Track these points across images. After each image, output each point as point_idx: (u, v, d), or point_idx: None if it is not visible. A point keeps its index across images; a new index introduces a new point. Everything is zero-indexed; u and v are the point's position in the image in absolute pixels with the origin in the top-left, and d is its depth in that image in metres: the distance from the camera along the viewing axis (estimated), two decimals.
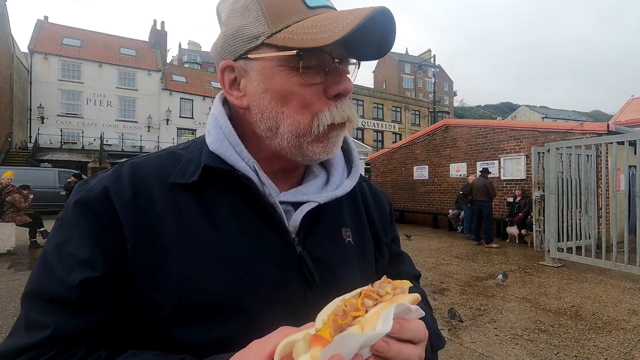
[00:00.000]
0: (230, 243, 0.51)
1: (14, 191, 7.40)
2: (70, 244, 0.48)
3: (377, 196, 0.73)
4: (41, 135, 22.52)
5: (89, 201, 0.50)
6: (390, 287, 0.42)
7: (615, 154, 5.58)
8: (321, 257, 0.56)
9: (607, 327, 3.64)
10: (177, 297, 0.47)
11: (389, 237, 0.71)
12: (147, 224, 0.49)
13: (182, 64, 45.77)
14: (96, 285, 0.46)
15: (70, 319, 0.45)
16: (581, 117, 50.69)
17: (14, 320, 3.75)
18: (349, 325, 0.36)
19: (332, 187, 0.60)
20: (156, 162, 0.56)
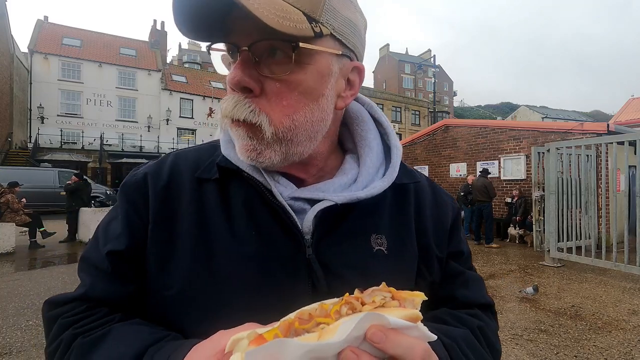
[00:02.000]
0: (241, 239, 0.51)
1: (6, 192, 7.41)
2: (114, 220, 0.55)
3: (440, 202, 0.64)
4: (41, 135, 22.52)
5: (130, 185, 0.56)
6: (387, 296, 0.36)
7: (615, 154, 5.58)
8: (333, 263, 0.52)
9: (607, 327, 3.64)
10: (181, 282, 0.49)
11: (444, 251, 0.61)
12: (171, 211, 0.52)
13: (182, 64, 45.74)
14: (119, 258, 0.51)
15: (99, 283, 0.52)
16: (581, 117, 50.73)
17: (14, 320, 3.77)
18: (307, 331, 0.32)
19: (358, 187, 0.55)
20: (195, 155, 0.58)
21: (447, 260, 0.61)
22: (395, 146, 0.60)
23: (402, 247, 0.57)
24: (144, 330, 0.47)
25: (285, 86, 0.47)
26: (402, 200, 0.60)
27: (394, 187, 0.57)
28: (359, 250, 0.53)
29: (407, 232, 0.58)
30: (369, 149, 0.59)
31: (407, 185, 0.60)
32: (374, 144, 0.59)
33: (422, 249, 0.58)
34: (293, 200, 0.53)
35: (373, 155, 0.58)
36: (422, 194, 0.62)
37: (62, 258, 6.84)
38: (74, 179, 8.90)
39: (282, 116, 0.48)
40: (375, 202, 0.55)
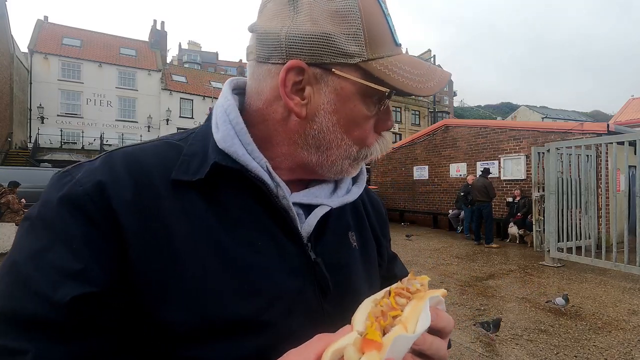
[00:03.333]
0: (246, 249, 0.46)
1: (7, 192, 7.41)
2: (52, 251, 0.39)
3: (374, 199, 0.74)
4: (41, 135, 22.53)
5: (79, 199, 0.41)
6: (419, 283, 0.43)
7: (615, 154, 5.59)
8: (333, 263, 0.54)
9: (607, 327, 3.64)
10: (192, 312, 0.41)
11: (387, 240, 0.73)
12: (153, 228, 0.43)
13: (182, 64, 45.77)
14: (93, 303, 0.38)
15: (57, 346, 0.37)
16: (581, 117, 50.72)
17: None
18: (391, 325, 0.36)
19: (341, 192, 0.59)
20: (154, 153, 0.49)
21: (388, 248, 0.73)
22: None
23: (366, 242, 0.64)
24: None
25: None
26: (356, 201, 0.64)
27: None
28: (345, 248, 0.59)
29: (365, 228, 0.66)
30: None
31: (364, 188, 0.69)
32: None
33: (377, 241, 0.68)
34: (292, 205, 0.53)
35: None
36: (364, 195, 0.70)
37: None
38: None
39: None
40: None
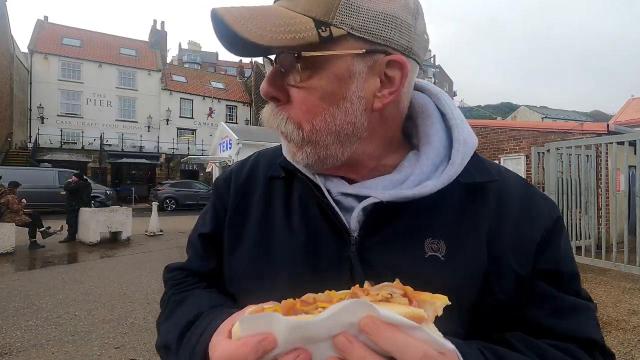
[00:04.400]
0: (294, 231, 0.55)
1: (7, 192, 7.41)
2: (207, 209, 0.68)
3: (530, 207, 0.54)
4: (41, 135, 22.53)
5: (220, 180, 0.68)
6: (396, 292, 0.34)
7: (615, 154, 5.58)
8: (377, 264, 0.50)
9: (607, 327, 3.64)
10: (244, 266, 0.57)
11: (526, 268, 0.50)
12: (245, 204, 0.61)
13: (182, 64, 45.73)
14: (206, 239, 0.64)
15: (195, 258, 0.65)
16: (581, 117, 50.68)
17: (14, 320, 3.77)
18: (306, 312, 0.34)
19: (408, 185, 0.52)
20: (271, 155, 0.66)
21: (534, 279, 0.50)
22: (458, 140, 0.53)
23: (464, 255, 0.50)
24: (211, 297, 0.57)
25: (305, 93, 0.49)
26: (473, 201, 0.53)
27: (466, 186, 0.52)
28: (409, 253, 0.50)
29: (475, 239, 0.51)
30: (428, 146, 0.55)
31: (484, 184, 0.53)
32: (434, 140, 0.55)
33: (494, 260, 0.50)
34: (343, 196, 0.55)
35: (431, 152, 0.54)
36: (505, 196, 0.54)
37: (62, 258, 6.83)
38: (74, 179, 8.90)
39: (303, 121, 0.50)
40: (436, 202, 0.50)
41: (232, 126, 10.32)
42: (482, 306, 0.49)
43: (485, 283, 0.49)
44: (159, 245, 8.23)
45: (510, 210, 0.53)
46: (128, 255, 7.08)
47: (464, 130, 0.55)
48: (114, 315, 3.82)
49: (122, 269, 5.91)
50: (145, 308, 4.06)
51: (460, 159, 0.52)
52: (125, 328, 3.50)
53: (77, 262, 6.48)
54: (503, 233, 0.51)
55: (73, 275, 5.47)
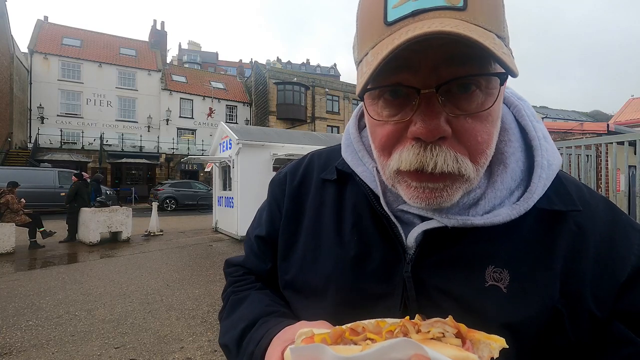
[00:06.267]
0: (344, 242, 0.54)
1: (6, 192, 7.41)
2: (263, 209, 0.68)
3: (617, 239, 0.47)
4: (41, 135, 22.52)
5: (275, 182, 0.68)
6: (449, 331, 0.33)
7: (615, 154, 5.58)
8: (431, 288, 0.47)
9: None
10: (295, 271, 0.58)
11: (605, 309, 0.44)
12: (298, 209, 0.61)
13: (182, 64, 45.75)
14: (262, 242, 0.65)
15: (252, 257, 0.67)
16: (581, 117, 50.66)
17: (14, 320, 3.78)
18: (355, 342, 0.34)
19: (478, 211, 0.46)
20: (326, 156, 0.65)
21: (611, 321, 0.44)
22: (541, 165, 0.47)
23: (531, 289, 0.44)
24: (265, 301, 0.58)
25: (478, 121, 0.41)
26: (549, 230, 0.47)
27: (541, 212, 0.47)
28: (467, 280, 0.46)
29: (546, 272, 0.45)
30: (503, 167, 0.48)
31: (563, 213, 0.47)
32: (511, 161, 0.48)
33: (568, 297, 0.44)
34: (402, 212, 0.50)
35: (506, 175, 0.48)
36: (588, 227, 0.47)
37: (62, 258, 6.83)
38: (74, 179, 8.91)
39: (479, 154, 0.42)
40: (504, 228, 0.45)
41: (232, 126, 10.30)
42: (548, 346, 0.44)
43: (554, 322, 0.44)
44: (159, 245, 8.23)
45: (593, 242, 0.46)
46: (128, 255, 7.08)
47: (548, 151, 0.49)
48: (114, 315, 3.82)
49: (122, 269, 5.91)
50: (145, 308, 4.06)
51: (542, 186, 0.46)
52: (125, 328, 3.50)
53: (77, 262, 6.48)
54: (582, 268, 0.45)
55: (73, 275, 5.47)
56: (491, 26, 0.38)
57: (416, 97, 0.40)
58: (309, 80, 28.32)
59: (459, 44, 0.36)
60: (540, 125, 0.51)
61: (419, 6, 0.37)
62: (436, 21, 0.36)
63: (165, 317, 3.78)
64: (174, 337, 3.29)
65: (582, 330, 0.44)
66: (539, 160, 0.48)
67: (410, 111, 0.41)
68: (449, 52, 0.38)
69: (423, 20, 0.37)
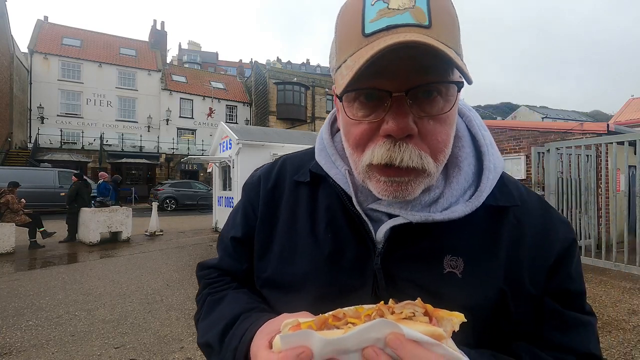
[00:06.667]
0: (319, 240, 0.58)
1: (6, 192, 7.41)
2: (237, 211, 0.70)
3: (549, 229, 0.56)
4: (41, 136, 22.51)
5: (249, 184, 0.70)
6: (418, 310, 0.38)
7: (615, 154, 5.58)
8: (399, 278, 0.53)
9: (607, 327, 3.64)
10: (271, 270, 0.60)
11: (539, 288, 0.53)
12: (272, 211, 0.64)
13: (182, 64, 45.74)
14: (238, 242, 0.66)
15: (227, 258, 0.68)
16: (581, 117, 50.64)
17: (14, 320, 3.78)
18: (337, 327, 0.37)
19: (438, 208, 0.53)
20: (299, 160, 0.68)
21: (543, 298, 0.54)
22: (488, 168, 0.55)
23: (481, 274, 0.52)
24: (244, 299, 0.60)
25: (439, 123, 0.48)
26: (494, 223, 0.55)
27: (488, 208, 0.54)
28: (428, 269, 0.52)
29: (493, 258, 0.53)
30: (457, 170, 0.55)
31: (505, 208, 0.55)
32: (464, 164, 0.56)
33: (510, 280, 0.53)
34: (372, 211, 0.56)
35: (460, 177, 0.55)
36: (525, 220, 0.56)
37: (62, 258, 6.83)
38: (74, 179, 8.91)
39: (438, 152, 0.49)
40: (458, 222, 0.52)
41: (232, 126, 10.30)
42: (495, 320, 0.52)
43: (500, 301, 0.52)
44: (159, 245, 8.23)
45: (529, 233, 0.55)
46: (128, 255, 7.08)
47: (494, 156, 0.57)
48: (114, 315, 3.82)
49: (122, 269, 5.91)
50: (145, 308, 4.06)
51: (489, 186, 0.54)
52: (125, 328, 3.50)
53: (77, 262, 6.48)
54: (521, 255, 0.54)
55: (73, 275, 5.47)
56: (451, 44, 0.44)
57: (388, 100, 0.46)
58: (309, 80, 28.31)
59: (426, 56, 0.42)
60: (487, 134, 0.60)
61: (392, 22, 0.44)
62: (407, 34, 0.42)
63: (165, 317, 3.78)
64: (174, 337, 3.29)
65: (522, 307, 0.53)
66: (487, 164, 0.56)
67: (382, 112, 0.47)
68: (417, 63, 0.44)
69: (396, 33, 0.43)
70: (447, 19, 0.45)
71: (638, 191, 5.12)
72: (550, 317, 0.53)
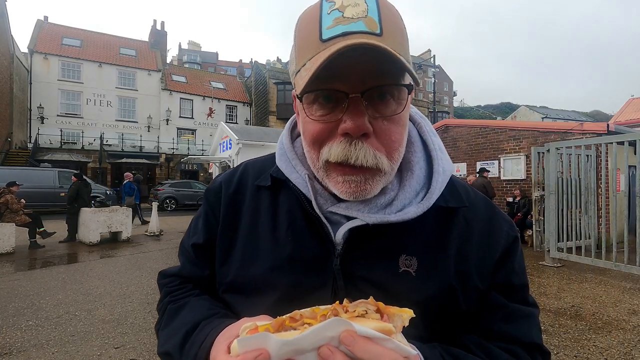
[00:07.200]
0: (279, 243, 0.58)
1: (5, 192, 7.41)
2: (198, 218, 0.69)
3: (493, 229, 0.61)
4: (41, 136, 22.52)
5: (210, 190, 0.70)
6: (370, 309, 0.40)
7: (615, 154, 5.58)
8: (357, 277, 0.55)
9: (607, 327, 3.64)
10: (234, 274, 0.60)
11: (486, 282, 0.57)
12: (234, 216, 0.64)
13: (182, 64, 45.75)
14: (199, 249, 0.66)
15: (188, 265, 0.67)
16: (581, 117, 50.64)
17: (14, 320, 3.77)
18: (294, 328, 0.38)
19: (392, 210, 0.56)
20: (260, 165, 0.69)
21: (489, 291, 0.58)
22: (438, 172, 0.59)
23: (433, 271, 0.56)
24: (206, 306, 0.60)
25: (392, 123, 0.51)
26: (445, 223, 0.58)
27: (438, 210, 0.57)
28: (385, 268, 0.55)
29: (444, 256, 0.57)
30: (410, 173, 0.59)
31: (455, 209, 0.59)
32: (416, 168, 0.59)
33: (459, 276, 0.56)
34: (331, 213, 0.58)
35: (413, 180, 0.58)
36: (472, 219, 0.60)
37: (62, 258, 6.83)
38: (74, 179, 8.90)
39: (393, 151, 0.52)
40: (412, 223, 0.55)
41: (232, 126, 10.31)
42: (447, 315, 0.56)
43: (450, 296, 0.56)
44: (159, 245, 8.23)
45: (476, 232, 0.59)
46: (128, 255, 7.08)
47: (443, 160, 0.61)
48: (114, 315, 3.82)
49: (122, 269, 5.91)
50: (145, 308, 4.06)
51: (439, 188, 0.58)
52: (125, 328, 3.50)
53: (77, 262, 6.48)
54: (469, 252, 0.58)
55: (73, 275, 5.47)
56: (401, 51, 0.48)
57: (345, 101, 0.48)
58: None
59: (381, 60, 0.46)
60: (437, 139, 0.64)
61: (347, 29, 0.47)
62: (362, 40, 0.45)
63: None
64: None
65: (471, 300, 0.56)
66: (437, 167, 0.60)
67: (339, 112, 0.49)
68: (372, 67, 0.47)
69: (351, 39, 0.46)
70: (396, 30, 0.49)
71: (638, 191, 5.12)
72: (496, 309, 0.57)
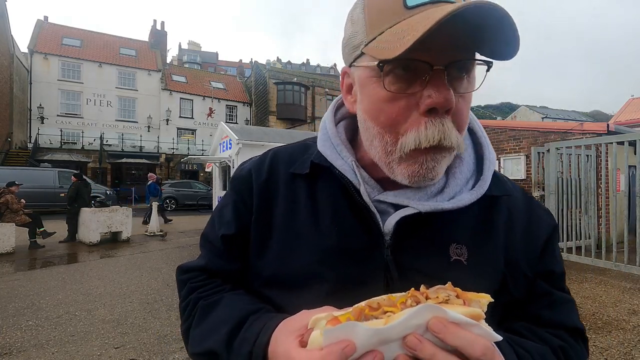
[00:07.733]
0: (323, 233, 0.55)
1: (5, 192, 7.41)
2: (226, 207, 0.64)
3: (534, 217, 0.61)
4: (41, 136, 22.51)
5: (238, 178, 0.65)
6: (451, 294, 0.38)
7: (615, 154, 5.58)
8: (408, 267, 0.53)
9: (607, 327, 3.64)
10: (273, 268, 0.57)
11: (533, 270, 0.58)
12: (268, 205, 0.60)
13: (182, 64, 45.75)
14: (230, 241, 0.61)
15: (216, 259, 0.63)
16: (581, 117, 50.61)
17: (14, 320, 3.77)
18: (375, 317, 0.36)
19: (444, 197, 0.54)
20: (290, 152, 0.65)
21: (535, 279, 0.58)
22: (488, 158, 0.59)
23: (484, 260, 0.55)
24: (246, 300, 0.57)
25: (465, 102, 0.49)
26: (490, 212, 0.58)
27: (483, 198, 0.56)
28: (436, 257, 0.53)
29: (493, 245, 0.56)
30: (459, 160, 0.57)
31: (498, 197, 0.58)
32: (465, 155, 0.58)
33: (509, 264, 0.56)
34: (377, 202, 0.55)
35: (463, 167, 0.57)
36: (515, 208, 0.60)
37: (62, 258, 6.82)
38: (74, 179, 8.90)
39: (462, 132, 0.50)
40: (460, 212, 0.54)
41: (232, 126, 10.31)
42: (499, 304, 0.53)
43: (502, 284, 0.55)
44: (159, 245, 8.23)
45: (518, 221, 0.59)
46: (128, 255, 7.08)
47: (490, 148, 0.60)
48: (114, 315, 3.82)
49: (122, 269, 5.91)
50: (145, 308, 4.06)
51: (490, 176, 0.57)
52: (125, 328, 3.50)
53: (77, 262, 6.47)
54: (515, 240, 0.57)
55: (73, 275, 5.47)
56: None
57: (428, 73, 0.44)
58: (309, 80, 28.31)
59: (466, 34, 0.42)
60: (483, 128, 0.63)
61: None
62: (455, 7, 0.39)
63: (165, 317, 3.78)
64: (174, 337, 3.29)
65: (520, 288, 0.57)
66: (487, 154, 0.59)
67: (419, 86, 0.45)
68: (455, 40, 0.43)
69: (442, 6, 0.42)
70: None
71: (638, 191, 5.12)
72: (541, 296, 0.58)
